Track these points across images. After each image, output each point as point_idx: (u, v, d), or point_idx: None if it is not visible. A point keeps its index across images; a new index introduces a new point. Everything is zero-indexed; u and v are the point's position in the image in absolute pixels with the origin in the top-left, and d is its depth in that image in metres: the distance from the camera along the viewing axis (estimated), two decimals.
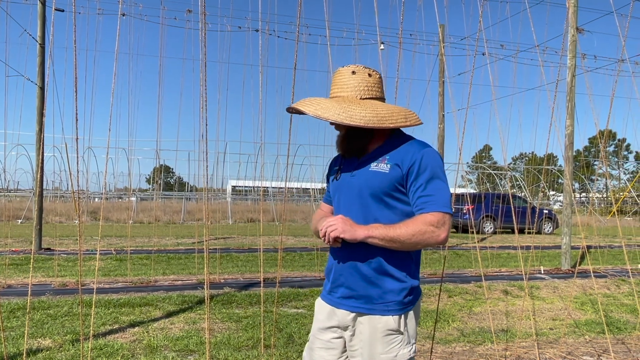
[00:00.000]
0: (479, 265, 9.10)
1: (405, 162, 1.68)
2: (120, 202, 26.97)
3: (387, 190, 1.69)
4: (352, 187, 1.76)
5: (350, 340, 1.75)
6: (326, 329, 1.80)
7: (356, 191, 1.74)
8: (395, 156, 1.71)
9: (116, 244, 11.81)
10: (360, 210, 1.72)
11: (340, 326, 1.77)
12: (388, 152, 1.73)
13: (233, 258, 9.63)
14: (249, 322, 4.85)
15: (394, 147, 1.74)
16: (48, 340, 4.17)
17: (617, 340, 4.65)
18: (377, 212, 1.70)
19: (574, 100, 8.46)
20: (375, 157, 1.75)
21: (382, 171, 1.71)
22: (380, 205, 1.70)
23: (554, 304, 6.08)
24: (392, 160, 1.71)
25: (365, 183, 1.73)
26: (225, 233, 15.93)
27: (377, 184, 1.70)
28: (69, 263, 8.51)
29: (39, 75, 9.92)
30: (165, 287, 6.58)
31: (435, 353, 4.13)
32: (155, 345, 4.08)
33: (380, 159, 1.73)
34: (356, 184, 1.76)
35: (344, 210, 1.77)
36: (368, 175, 1.73)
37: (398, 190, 1.69)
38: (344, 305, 1.74)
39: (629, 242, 14.88)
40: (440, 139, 13.90)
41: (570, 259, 8.71)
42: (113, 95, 3.29)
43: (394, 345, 1.68)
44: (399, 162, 1.69)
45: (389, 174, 1.69)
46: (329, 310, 1.79)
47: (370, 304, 1.69)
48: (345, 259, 1.74)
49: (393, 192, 1.69)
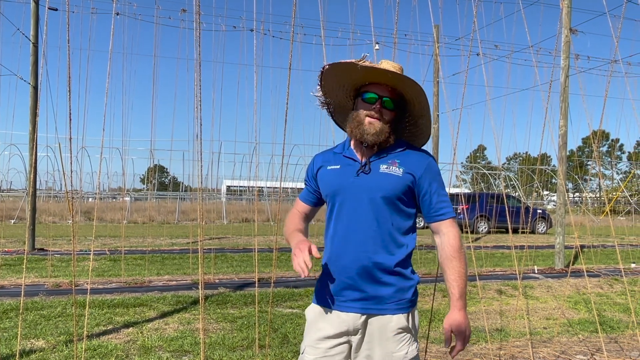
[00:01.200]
0: (473, 265, 9.13)
1: (417, 169, 1.70)
2: (114, 202, 26.85)
3: (400, 194, 1.69)
4: (361, 189, 1.69)
5: (360, 343, 1.70)
6: (331, 336, 1.70)
7: (366, 193, 1.68)
8: (406, 162, 1.71)
9: (110, 244, 11.76)
10: (372, 214, 1.68)
11: (349, 331, 1.69)
12: (396, 156, 1.72)
13: (228, 258, 9.62)
14: (244, 322, 4.84)
15: (402, 153, 1.74)
16: (41, 341, 4.15)
17: (610, 339, 4.68)
18: (392, 217, 1.69)
19: (568, 100, 8.51)
20: (383, 159, 1.72)
21: (395, 174, 1.69)
22: (392, 209, 1.69)
23: (547, 304, 6.11)
24: (404, 165, 1.70)
25: (377, 185, 1.68)
26: (220, 233, 15.89)
27: (390, 186, 1.68)
28: (62, 263, 8.46)
29: (32, 75, 9.86)
30: (160, 288, 6.56)
31: (430, 352, 4.14)
32: (150, 346, 4.06)
33: (390, 162, 1.71)
34: (365, 185, 1.69)
35: (349, 213, 1.70)
36: (380, 177, 1.69)
37: (408, 195, 1.70)
38: (354, 308, 1.69)
39: (621, 241, 14.98)
40: (435, 139, 13.92)
41: (563, 258, 8.76)
42: (107, 94, 3.27)
43: (404, 343, 1.69)
44: (411, 168, 1.70)
45: (403, 177, 1.69)
46: (334, 316, 1.71)
47: (382, 304, 1.68)
48: (350, 261, 1.68)
49: (404, 196, 1.69)
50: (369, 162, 1.72)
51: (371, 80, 1.71)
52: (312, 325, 1.76)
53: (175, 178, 47.74)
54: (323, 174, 1.81)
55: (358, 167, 1.72)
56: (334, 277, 1.71)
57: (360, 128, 1.69)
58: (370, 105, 1.69)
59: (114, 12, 5.31)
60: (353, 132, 1.71)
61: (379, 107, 1.68)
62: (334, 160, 1.80)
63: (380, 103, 1.68)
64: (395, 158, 1.71)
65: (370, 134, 1.67)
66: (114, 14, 5.99)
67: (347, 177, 1.72)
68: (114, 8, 7.19)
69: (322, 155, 1.87)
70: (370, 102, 1.69)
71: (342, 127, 1.93)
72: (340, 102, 1.86)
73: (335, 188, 1.73)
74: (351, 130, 1.72)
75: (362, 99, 1.72)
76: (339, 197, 1.72)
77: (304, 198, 1.90)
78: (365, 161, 1.72)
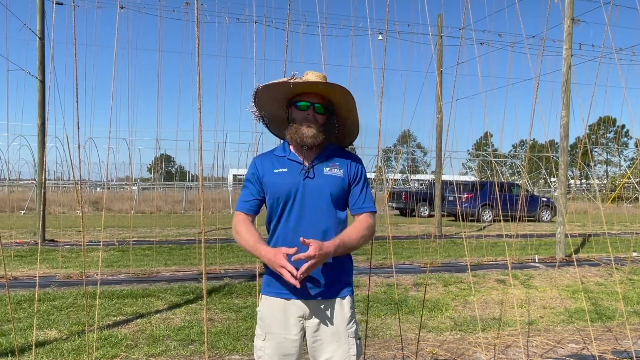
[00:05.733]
0: (474, 255, 9.25)
1: (351, 168, 1.96)
2: (122, 192, 27.13)
3: (341, 192, 1.93)
4: (311, 189, 1.88)
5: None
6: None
7: (320, 194, 1.89)
8: (343, 164, 1.96)
9: (118, 234, 11.98)
10: (327, 213, 1.90)
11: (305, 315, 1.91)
12: (335, 160, 1.95)
13: (234, 248, 9.79)
14: (249, 312, 5.01)
15: (339, 157, 1.98)
16: (54, 331, 4.33)
17: (606, 329, 4.80)
18: (336, 212, 1.92)
19: (570, 91, 8.53)
20: (324, 162, 1.94)
21: (337, 176, 1.93)
22: (336, 205, 1.92)
23: (546, 293, 6.23)
24: (342, 167, 1.95)
25: (325, 186, 1.90)
26: (226, 223, 16.08)
27: (334, 186, 1.91)
28: (72, 254, 8.67)
29: (40, 69, 10.00)
30: (167, 278, 6.74)
31: (427, 341, 4.29)
32: (158, 335, 4.24)
33: (331, 165, 1.94)
34: (314, 186, 1.89)
35: (301, 211, 1.87)
36: (326, 179, 1.91)
37: (346, 192, 1.95)
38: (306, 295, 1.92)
39: (624, 229, 15.02)
40: (439, 128, 13.96)
41: (564, 247, 8.85)
42: (114, 84, 3.40)
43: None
44: (347, 170, 1.95)
45: (343, 178, 1.94)
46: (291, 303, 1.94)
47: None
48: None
49: (344, 194, 1.94)
50: (312, 165, 1.92)
51: (302, 91, 1.93)
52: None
53: (182, 167, 47.98)
54: (270, 177, 1.93)
55: (302, 168, 1.92)
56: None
57: (299, 133, 1.89)
58: (304, 112, 1.91)
59: (118, 6, 5.42)
60: (293, 138, 1.92)
61: (312, 112, 1.90)
62: (279, 163, 1.96)
63: (312, 109, 1.91)
64: (335, 161, 1.95)
65: (309, 137, 1.88)
66: (119, 7, 6.09)
67: (297, 179, 1.91)
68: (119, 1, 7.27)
69: (263, 158, 2.00)
70: (303, 109, 1.91)
71: (277, 135, 2.17)
72: (275, 114, 2.06)
73: (288, 190, 1.89)
74: (291, 136, 1.93)
75: (296, 107, 1.93)
76: (291, 198, 1.89)
77: (247, 209, 1.95)
78: (309, 165, 1.92)
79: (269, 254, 1.77)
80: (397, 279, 6.66)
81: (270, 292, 1.92)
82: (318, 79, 1.90)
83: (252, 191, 1.95)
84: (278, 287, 1.89)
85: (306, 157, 1.94)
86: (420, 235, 12.49)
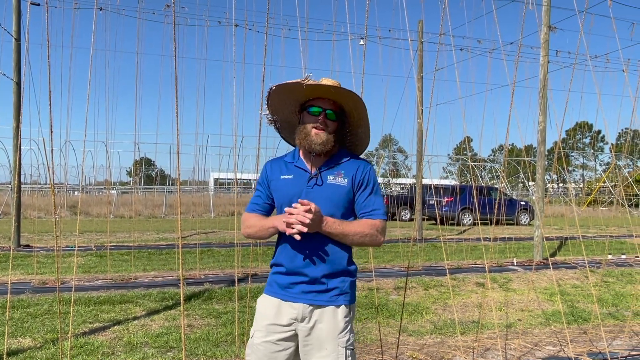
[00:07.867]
0: (455, 258, 9.34)
1: (356, 175, 1.91)
2: (100, 195, 26.69)
3: (345, 201, 1.90)
4: (319, 198, 1.85)
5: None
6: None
7: (323, 202, 1.84)
8: (348, 171, 1.92)
9: (96, 239, 11.78)
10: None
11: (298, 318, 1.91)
12: (341, 167, 1.92)
13: (214, 253, 9.71)
14: (228, 317, 4.96)
15: (347, 163, 1.94)
16: (28, 339, 4.23)
17: (581, 331, 4.89)
18: (341, 219, 1.89)
19: (547, 97, 8.69)
20: (331, 170, 1.91)
21: (341, 184, 1.89)
22: (340, 213, 1.90)
23: (524, 295, 6.32)
24: (347, 175, 1.91)
25: (328, 195, 1.87)
26: (207, 227, 15.94)
27: (337, 196, 1.88)
28: (48, 260, 8.49)
29: (15, 71, 9.79)
30: (146, 284, 6.65)
31: (407, 345, 4.30)
32: (135, 343, 4.17)
33: (336, 173, 1.91)
34: (318, 195, 1.87)
35: None
36: (330, 188, 1.88)
37: (351, 199, 1.92)
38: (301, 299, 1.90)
39: (600, 232, 15.34)
40: (419, 133, 14.08)
41: (542, 250, 8.99)
42: (89, 86, 3.34)
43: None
44: (352, 175, 1.91)
45: (347, 186, 1.90)
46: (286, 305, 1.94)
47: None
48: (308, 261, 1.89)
49: (348, 202, 1.91)
50: (318, 172, 1.90)
51: (315, 96, 1.91)
52: None
53: (162, 171, 47.45)
54: (277, 183, 1.96)
55: (308, 176, 1.91)
56: (291, 276, 1.90)
57: (308, 139, 1.87)
58: (315, 118, 1.88)
59: (95, 8, 5.34)
60: (302, 143, 1.90)
61: (323, 118, 1.88)
62: (287, 169, 1.96)
63: (324, 115, 1.88)
64: (341, 169, 1.92)
65: (318, 144, 1.86)
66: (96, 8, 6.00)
67: (301, 187, 1.90)
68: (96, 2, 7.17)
69: (273, 163, 2.03)
70: (315, 114, 1.89)
71: (288, 141, 2.15)
72: (286, 118, 2.05)
73: (291, 197, 1.88)
74: (300, 141, 1.91)
75: (308, 112, 1.91)
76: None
77: (255, 210, 1.98)
78: (316, 172, 1.91)
79: (278, 218, 1.83)
80: (377, 283, 6.68)
81: (269, 291, 1.97)
82: (333, 85, 1.89)
83: (262, 195, 2.00)
84: (277, 287, 1.94)
85: (314, 164, 1.92)
86: (401, 239, 12.55)
